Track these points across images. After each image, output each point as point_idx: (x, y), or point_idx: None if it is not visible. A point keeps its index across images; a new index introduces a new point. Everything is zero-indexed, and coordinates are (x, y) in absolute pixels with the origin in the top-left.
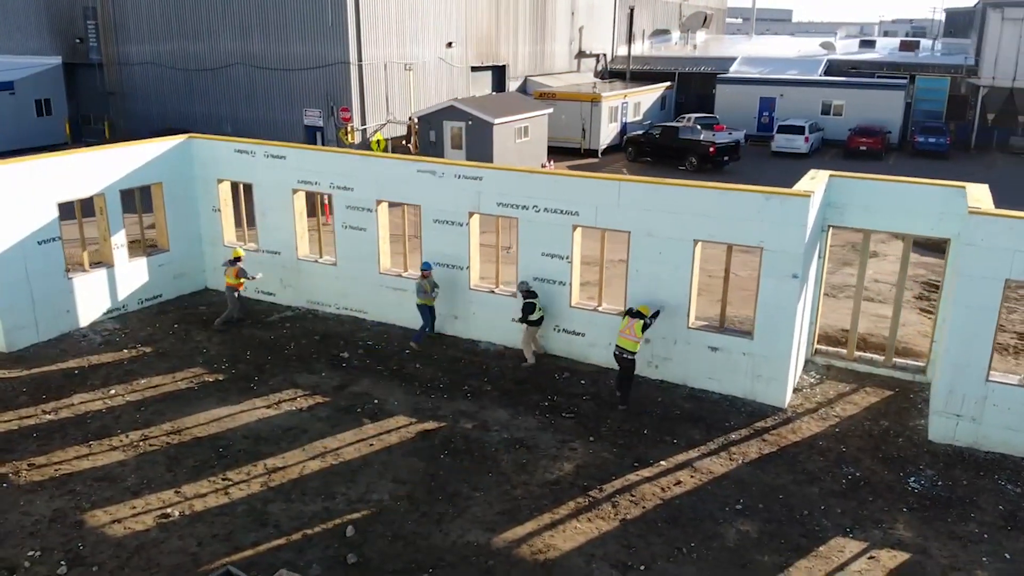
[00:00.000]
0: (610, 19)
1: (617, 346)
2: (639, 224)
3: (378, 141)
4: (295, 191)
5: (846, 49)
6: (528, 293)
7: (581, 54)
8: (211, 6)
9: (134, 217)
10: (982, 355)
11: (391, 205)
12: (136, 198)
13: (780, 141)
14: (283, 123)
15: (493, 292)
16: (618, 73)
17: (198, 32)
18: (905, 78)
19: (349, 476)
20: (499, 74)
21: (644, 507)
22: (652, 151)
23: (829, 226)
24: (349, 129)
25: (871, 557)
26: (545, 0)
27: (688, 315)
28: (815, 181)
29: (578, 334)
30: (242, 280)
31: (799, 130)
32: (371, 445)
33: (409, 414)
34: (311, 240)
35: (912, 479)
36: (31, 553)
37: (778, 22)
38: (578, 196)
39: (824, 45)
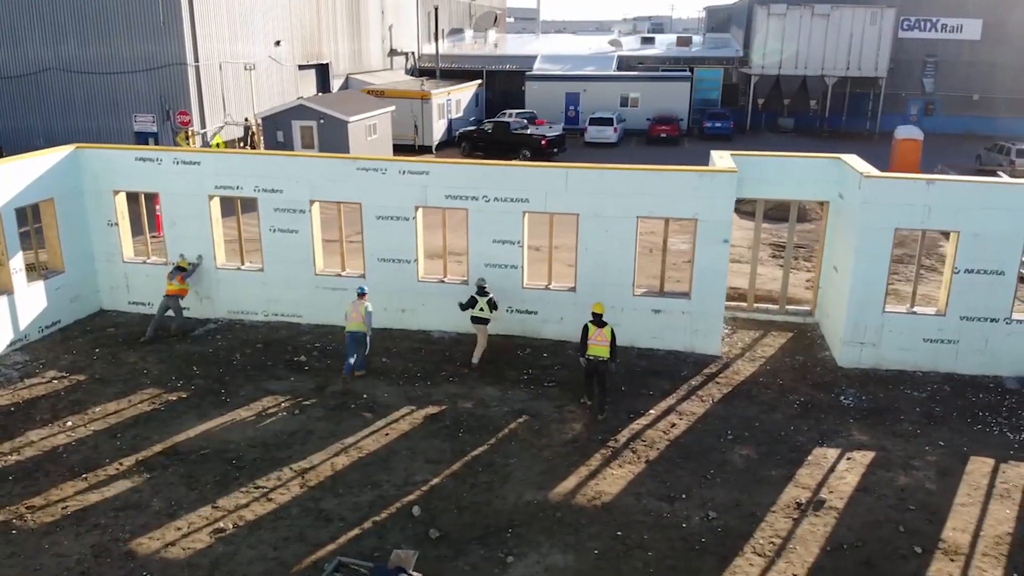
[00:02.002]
0: (414, 18)
1: (592, 356)
2: (587, 206)
3: (218, 144)
4: (211, 197)
5: (630, 46)
6: (479, 290)
7: (393, 52)
8: (13, 6)
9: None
10: (879, 292)
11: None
12: (28, 216)
13: (592, 132)
14: (108, 131)
15: (443, 282)
16: (427, 71)
17: None
18: (688, 70)
19: (383, 465)
20: (323, 72)
21: (658, 449)
22: (485, 146)
23: None
24: (190, 133)
25: (849, 458)
26: None
27: (633, 285)
28: (724, 160)
29: (531, 312)
30: (187, 287)
31: (608, 122)
32: (386, 435)
33: (405, 403)
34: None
35: (842, 397)
36: None
37: (529, 20)
38: (528, 184)
39: (612, 43)
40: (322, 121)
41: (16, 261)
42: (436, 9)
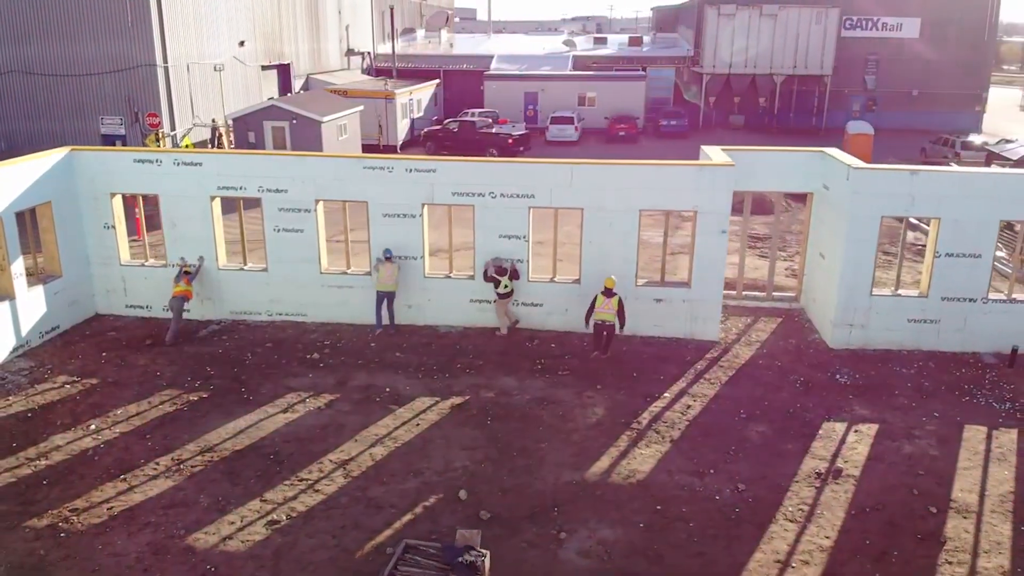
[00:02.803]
0: (369, 18)
1: (600, 321)
2: (591, 201)
3: (187, 145)
4: (213, 198)
5: (583, 46)
6: (499, 270)
7: (350, 52)
8: None
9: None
10: (867, 276)
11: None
12: (27, 220)
13: (554, 131)
14: (73, 134)
15: (449, 277)
16: (383, 71)
17: None
18: (642, 70)
19: (420, 453)
20: (284, 73)
21: (679, 429)
22: (451, 145)
23: None
24: (160, 135)
25: (856, 431)
26: None
27: (635, 275)
28: (716, 155)
29: (536, 305)
30: (191, 287)
31: (569, 120)
32: (417, 425)
33: (428, 394)
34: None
35: (838, 376)
36: None
37: (468, 20)
38: (533, 180)
39: (566, 43)
40: (295, 121)
41: (17, 266)
42: (391, 9)
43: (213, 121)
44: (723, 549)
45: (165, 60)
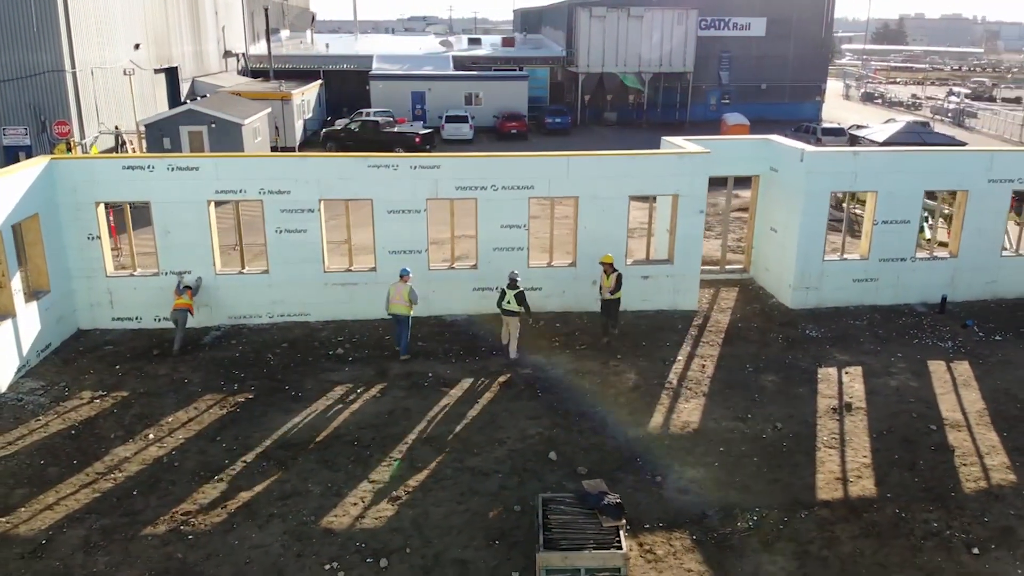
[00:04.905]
0: (240, 18)
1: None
2: (585, 190)
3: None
4: (210, 202)
5: (459, 46)
6: (510, 283)
7: (227, 53)
8: None
9: None
10: (819, 243)
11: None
12: (19, 234)
13: (449, 129)
14: None
15: (452, 268)
16: (259, 72)
17: None
18: (520, 69)
19: (494, 426)
20: (172, 76)
21: (706, 385)
22: (355, 145)
23: None
24: (72, 144)
25: (847, 372)
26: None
27: (625, 256)
28: (689, 145)
29: (536, 289)
30: (192, 301)
31: (464, 119)
32: (476, 402)
33: (470, 376)
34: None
35: (807, 331)
36: (328, 567)
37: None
38: (532, 172)
39: (443, 43)
40: (213, 125)
41: (15, 282)
42: (267, 10)
43: (116, 128)
44: (790, 475)
45: (73, 66)
